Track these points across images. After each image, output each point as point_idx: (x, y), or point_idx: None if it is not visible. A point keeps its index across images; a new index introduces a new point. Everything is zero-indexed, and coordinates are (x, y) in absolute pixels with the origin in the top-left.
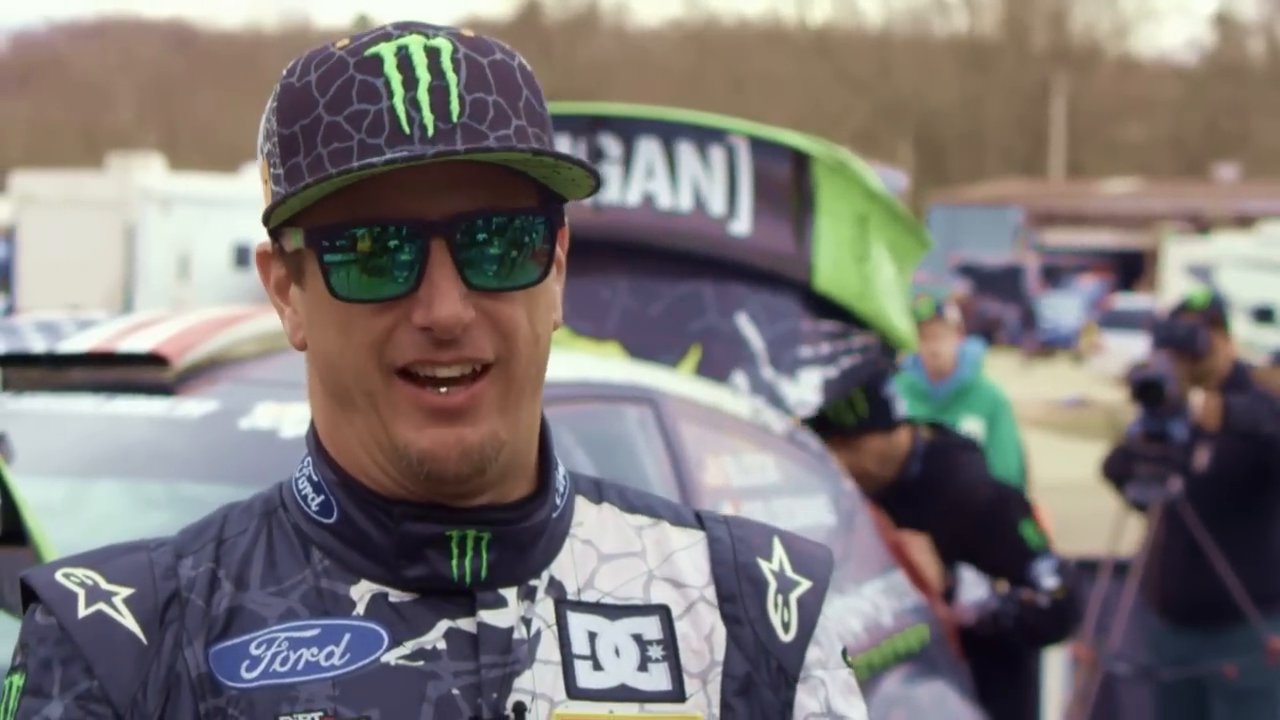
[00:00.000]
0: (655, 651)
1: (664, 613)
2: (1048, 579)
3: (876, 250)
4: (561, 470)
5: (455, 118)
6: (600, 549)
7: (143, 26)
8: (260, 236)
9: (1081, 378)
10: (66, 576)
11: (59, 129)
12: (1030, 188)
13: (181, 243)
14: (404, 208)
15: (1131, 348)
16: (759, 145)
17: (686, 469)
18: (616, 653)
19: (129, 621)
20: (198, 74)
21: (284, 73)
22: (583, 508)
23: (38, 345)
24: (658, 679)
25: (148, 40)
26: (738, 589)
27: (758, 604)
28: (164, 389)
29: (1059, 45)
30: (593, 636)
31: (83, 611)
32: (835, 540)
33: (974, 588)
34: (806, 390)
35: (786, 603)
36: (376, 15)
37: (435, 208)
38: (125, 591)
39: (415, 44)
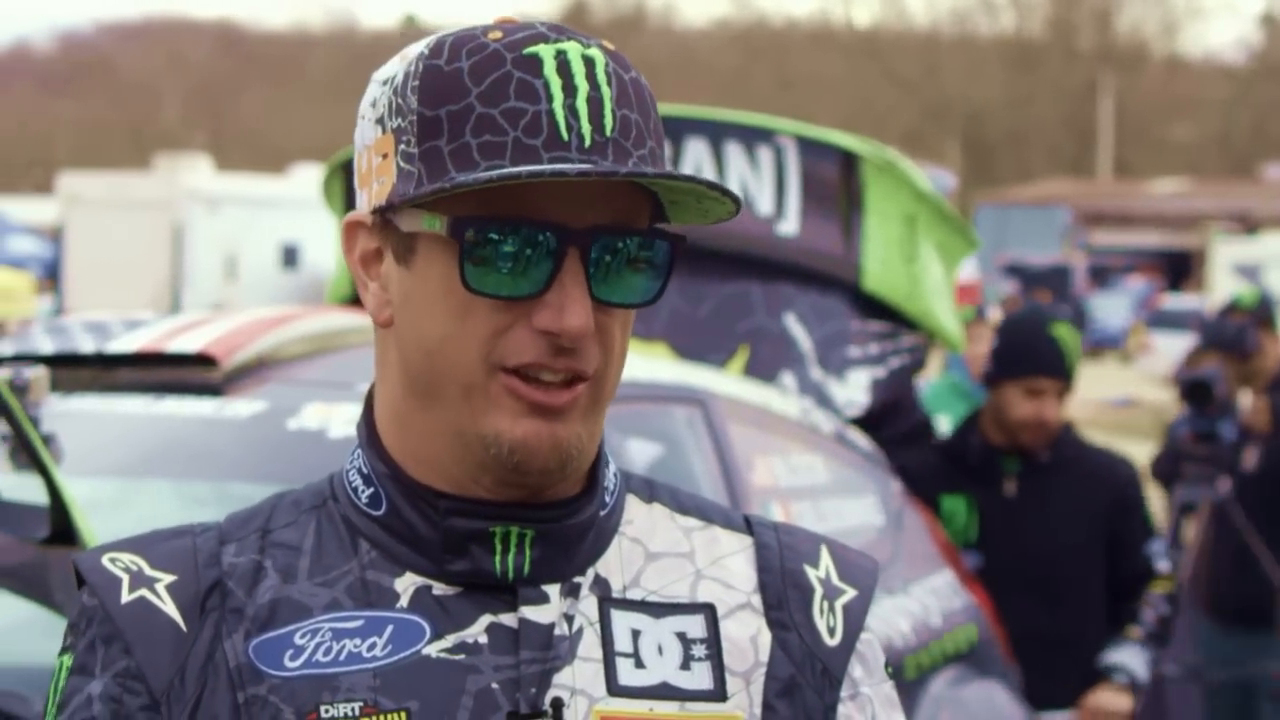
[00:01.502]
0: (698, 650)
1: (709, 612)
2: (1160, 561)
3: (925, 250)
4: (613, 468)
5: (608, 131)
6: (648, 547)
7: (189, 27)
8: (307, 237)
9: (1130, 378)
10: (112, 561)
11: (106, 130)
12: (1078, 187)
13: (229, 243)
14: (545, 212)
15: (1179, 348)
16: (807, 145)
17: (735, 469)
18: (659, 651)
19: (170, 609)
20: (244, 74)
21: (423, 50)
22: (633, 506)
23: (86, 346)
24: (700, 678)
25: (194, 40)
26: (784, 595)
27: (803, 610)
28: (212, 389)
29: (1106, 45)
30: (636, 634)
31: (125, 597)
32: (884, 540)
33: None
34: (855, 390)
35: (832, 609)
36: (424, 16)
37: (575, 216)
38: (168, 578)
39: (574, 51)
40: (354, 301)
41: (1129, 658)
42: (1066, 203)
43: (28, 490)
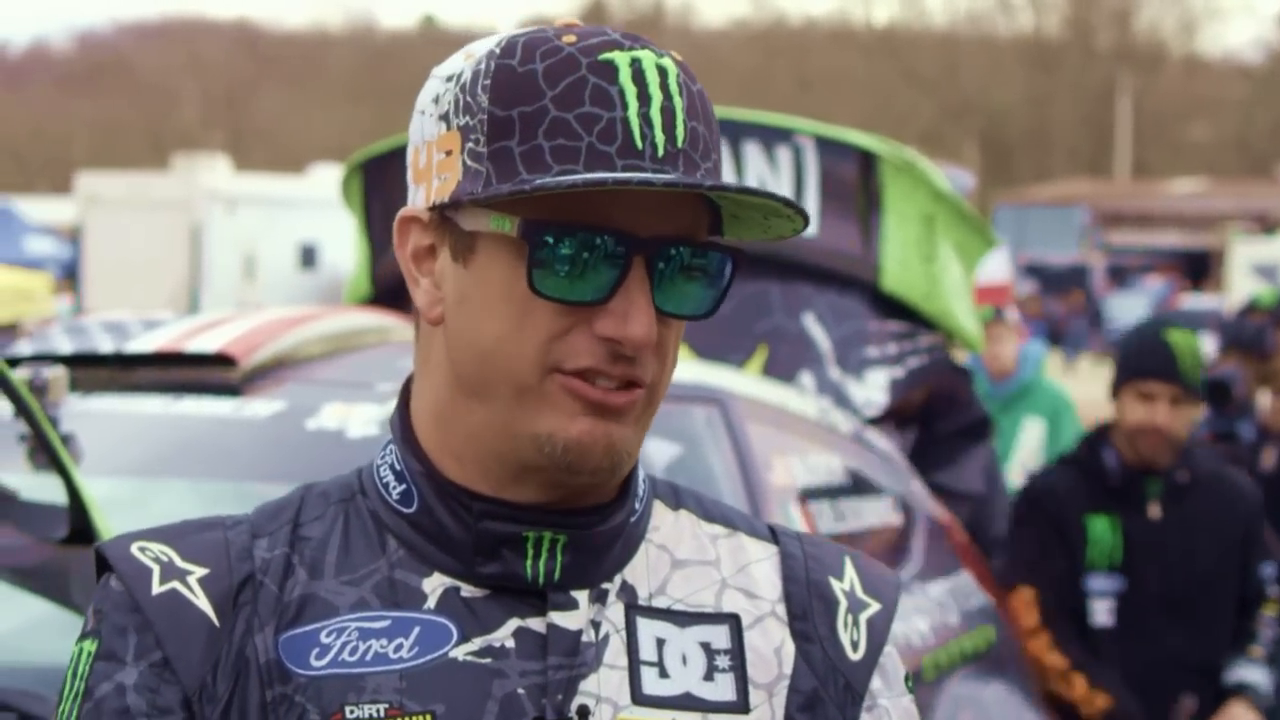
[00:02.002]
0: (722, 661)
1: (734, 622)
2: (1272, 585)
3: (943, 250)
4: (641, 474)
5: (679, 143)
6: (675, 555)
7: (208, 27)
8: (325, 237)
9: None
10: (142, 550)
11: (124, 130)
12: (1096, 187)
13: (247, 243)
14: (612, 219)
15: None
16: (825, 145)
17: (753, 469)
18: (683, 660)
19: (202, 602)
20: (263, 74)
21: (493, 49)
22: (660, 512)
23: (105, 346)
24: (723, 689)
25: (213, 40)
26: (809, 606)
27: (828, 622)
28: (231, 389)
29: (1124, 45)
30: (660, 643)
31: (156, 588)
32: (902, 540)
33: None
34: (873, 390)
35: (856, 623)
36: (442, 16)
37: (642, 225)
38: (200, 571)
39: (648, 60)
40: (372, 302)
41: (1256, 676)
42: (1085, 203)
43: (47, 490)
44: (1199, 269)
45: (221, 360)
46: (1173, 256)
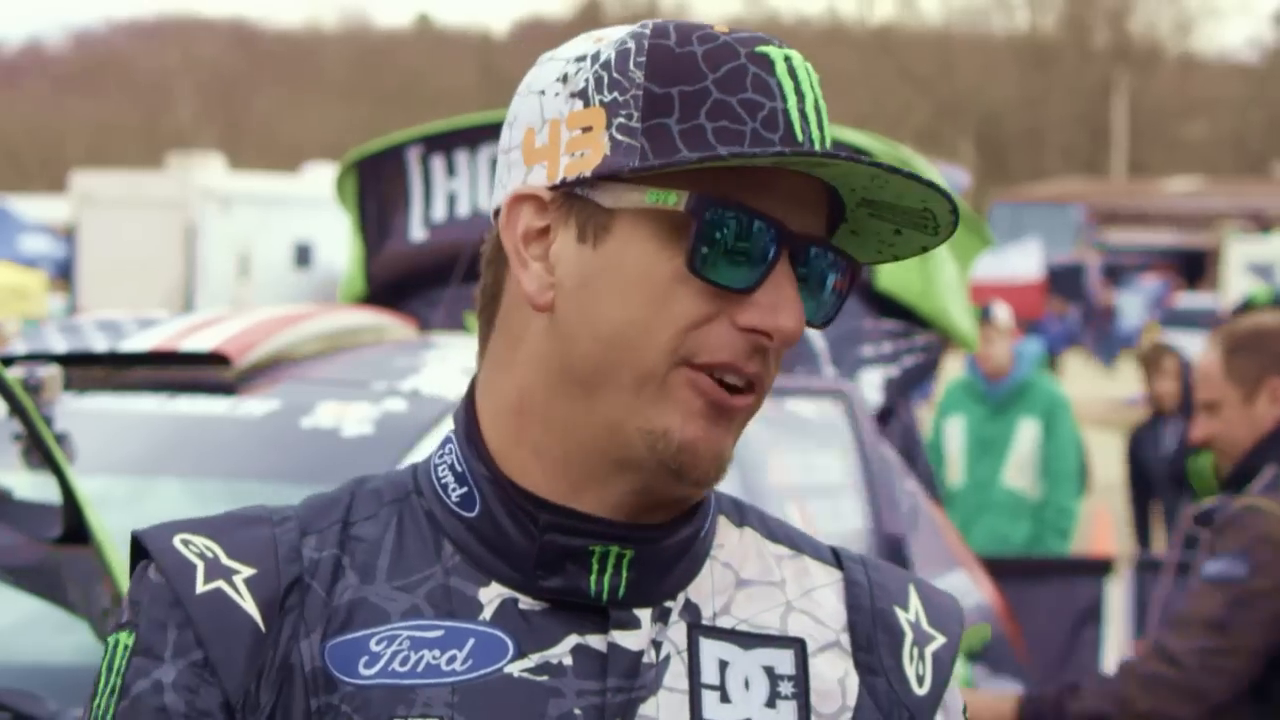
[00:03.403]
0: (785, 688)
1: (799, 647)
2: None
3: (939, 248)
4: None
5: (827, 142)
6: (740, 574)
7: (202, 25)
8: (320, 236)
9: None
10: (185, 544)
11: (119, 128)
12: (1092, 186)
13: (242, 242)
14: (767, 206)
15: (1194, 347)
16: None
17: (750, 468)
18: (746, 685)
19: (249, 605)
20: (257, 73)
21: (641, 30)
22: (725, 529)
23: (100, 345)
24: (785, 717)
25: (208, 39)
26: (874, 637)
27: (893, 655)
28: (226, 388)
29: (1120, 43)
30: (723, 666)
31: (201, 587)
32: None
33: None
34: (868, 389)
35: (922, 656)
36: (437, 14)
37: (794, 220)
38: (247, 571)
39: (798, 59)
40: (367, 300)
41: None
42: (1081, 201)
43: (41, 489)
44: (1195, 268)
45: (216, 359)
46: (1168, 255)
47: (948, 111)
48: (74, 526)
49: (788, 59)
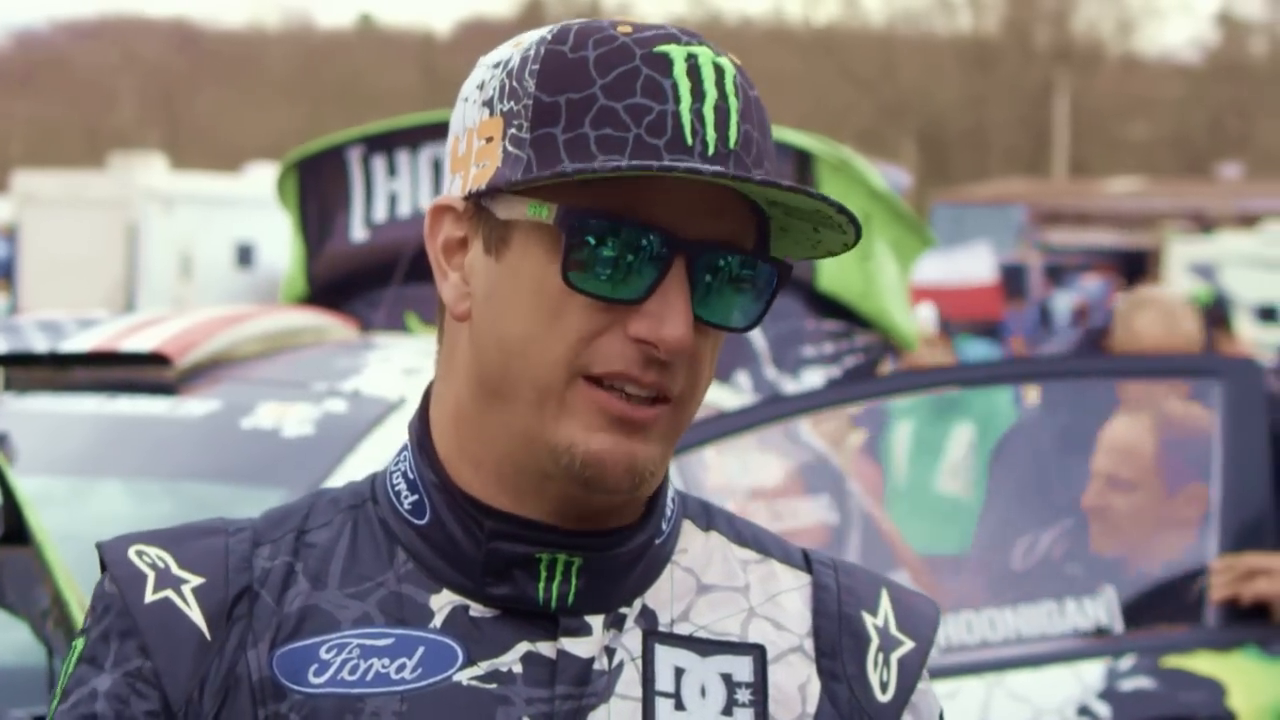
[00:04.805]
0: (743, 695)
1: (759, 654)
2: None
3: (880, 249)
4: (671, 491)
5: (731, 143)
6: (701, 579)
7: (145, 25)
8: (262, 237)
9: None
10: (139, 554)
11: (61, 128)
12: (1033, 186)
13: (183, 242)
14: (656, 217)
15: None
16: None
17: (690, 468)
18: (703, 692)
19: (195, 614)
20: (200, 73)
21: (545, 35)
22: (689, 534)
23: (40, 345)
24: None
25: (150, 39)
26: (839, 642)
27: (857, 661)
28: (166, 388)
29: (1062, 44)
30: (679, 673)
31: (149, 596)
32: (838, 539)
33: None
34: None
35: (887, 662)
36: (379, 15)
37: (686, 226)
38: (196, 580)
39: (705, 56)
40: (308, 301)
41: None
42: (1022, 202)
43: None
44: (1136, 268)
45: (156, 359)
46: (1110, 256)
47: (890, 112)
48: (14, 527)
49: (691, 57)
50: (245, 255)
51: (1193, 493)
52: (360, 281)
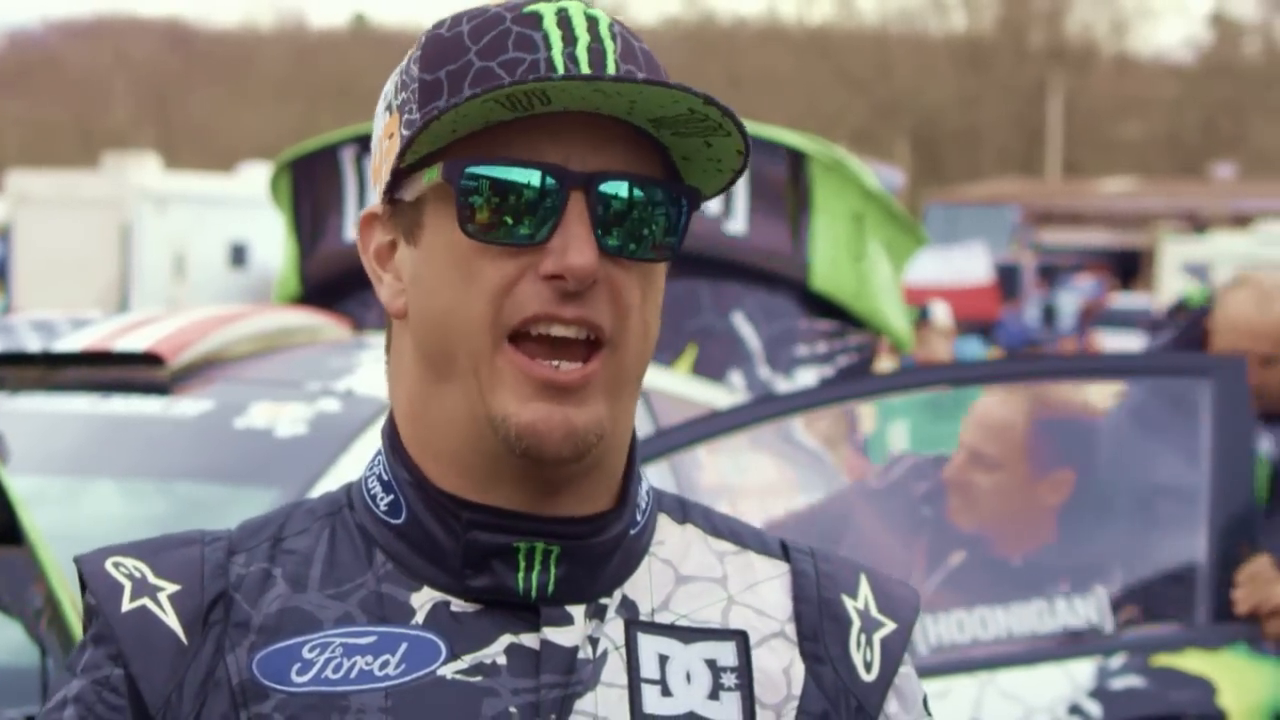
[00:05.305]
0: (728, 679)
1: (741, 639)
2: None
3: (873, 249)
4: (645, 485)
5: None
6: (679, 570)
7: (138, 25)
8: (255, 236)
9: None
10: (116, 566)
11: (54, 128)
12: (1027, 187)
13: (177, 242)
14: (545, 155)
15: (1128, 347)
16: (755, 144)
17: (683, 467)
18: (688, 678)
19: (171, 620)
20: (193, 73)
21: (431, 27)
22: (665, 526)
23: (33, 344)
24: (728, 709)
25: (143, 39)
26: (820, 627)
27: (839, 642)
28: (159, 388)
29: (1055, 44)
30: (663, 660)
31: (126, 605)
32: (830, 538)
33: None
34: None
35: (870, 643)
36: (372, 14)
37: (577, 160)
38: (172, 588)
39: (575, 9)
40: (301, 300)
41: None
42: (1016, 202)
43: None
44: (1129, 268)
45: (150, 359)
46: (1103, 256)
47: (884, 112)
48: (7, 527)
49: (561, 10)
50: (239, 255)
51: (1060, 479)
52: (353, 281)
